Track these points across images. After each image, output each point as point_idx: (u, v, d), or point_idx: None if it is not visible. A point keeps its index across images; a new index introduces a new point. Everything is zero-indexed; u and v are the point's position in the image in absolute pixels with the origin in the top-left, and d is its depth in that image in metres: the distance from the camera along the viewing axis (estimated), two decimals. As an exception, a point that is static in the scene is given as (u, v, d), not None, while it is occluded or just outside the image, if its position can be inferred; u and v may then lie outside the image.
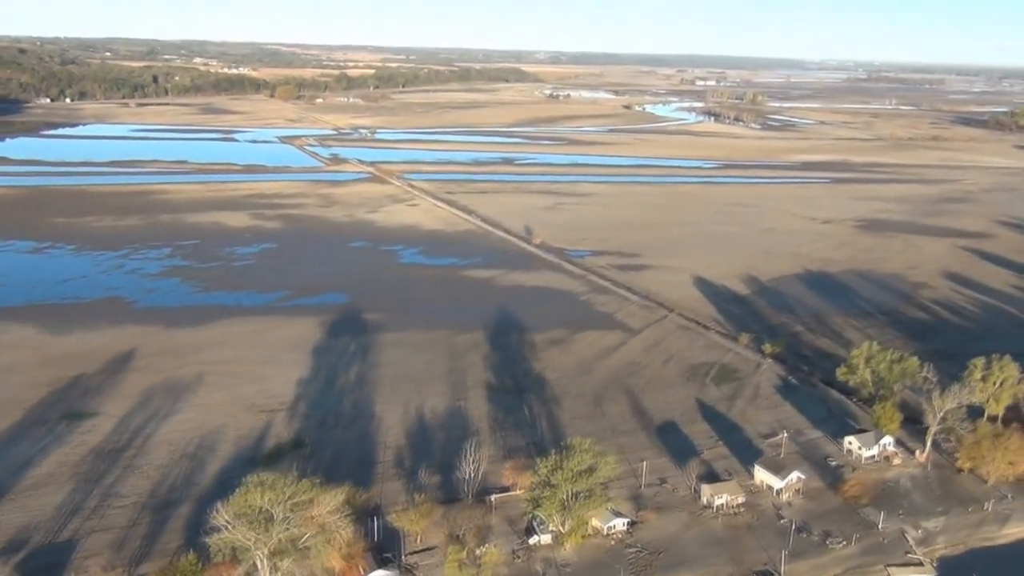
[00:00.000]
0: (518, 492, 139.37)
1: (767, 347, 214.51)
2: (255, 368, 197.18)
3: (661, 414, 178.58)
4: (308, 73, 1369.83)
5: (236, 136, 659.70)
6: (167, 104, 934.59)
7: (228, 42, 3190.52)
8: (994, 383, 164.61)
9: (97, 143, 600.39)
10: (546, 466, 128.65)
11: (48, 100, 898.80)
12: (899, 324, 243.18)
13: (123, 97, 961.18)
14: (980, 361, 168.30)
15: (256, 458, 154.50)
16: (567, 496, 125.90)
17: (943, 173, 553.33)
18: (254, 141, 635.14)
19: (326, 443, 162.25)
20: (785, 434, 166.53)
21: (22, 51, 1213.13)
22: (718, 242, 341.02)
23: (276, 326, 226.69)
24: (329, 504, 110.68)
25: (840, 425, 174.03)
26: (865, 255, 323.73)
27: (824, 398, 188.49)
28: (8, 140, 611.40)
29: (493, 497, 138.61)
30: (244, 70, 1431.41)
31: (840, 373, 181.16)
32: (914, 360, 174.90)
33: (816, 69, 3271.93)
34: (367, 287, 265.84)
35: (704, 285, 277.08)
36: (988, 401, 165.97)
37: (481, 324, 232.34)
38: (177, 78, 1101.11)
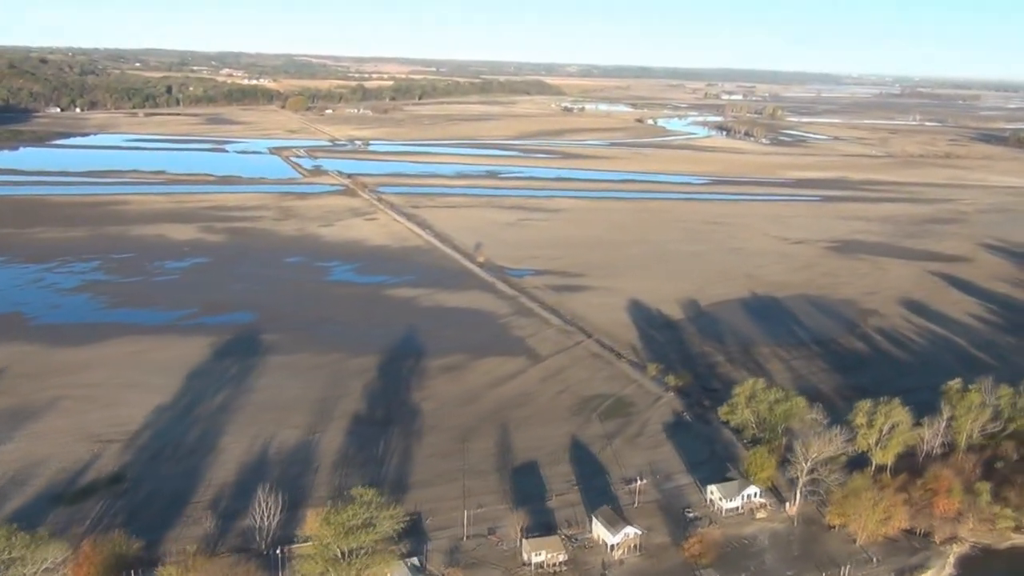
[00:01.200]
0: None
1: (671, 379, 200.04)
2: (116, 393, 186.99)
3: (527, 453, 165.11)
4: (326, 84, 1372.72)
5: (227, 147, 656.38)
6: (177, 114, 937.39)
7: (263, 54, 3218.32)
8: (879, 429, 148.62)
9: (85, 153, 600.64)
10: (315, 520, 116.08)
11: (58, 110, 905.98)
12: (830, 355, 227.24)
13: (134, 107, 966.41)
14: (866, 404, 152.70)
15: (64, 495, 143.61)
16: (342, 553, 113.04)
17: (943, 192, 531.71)
18: (243, 152, 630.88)
19: (148, 478, 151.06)
20: (640, 480, 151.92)
21: (43, 61, 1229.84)
22: (676, 262, 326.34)
23: (162, 347, 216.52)
24: (40, 562, 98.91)
25: (718, 470, 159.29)
26: (824, 279, 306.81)
27: (714, 438, 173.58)
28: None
29: (284, 549, 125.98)
30: (264, 81, 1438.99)
31: (722, 413, 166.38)
32: (800, 400, 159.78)
33: (853, 84, 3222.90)
34: (282, 305, 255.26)
35: (638, 309, 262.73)
36: (874, 449, 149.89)
37: (381, 347, 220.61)
38: (191, 88, 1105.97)
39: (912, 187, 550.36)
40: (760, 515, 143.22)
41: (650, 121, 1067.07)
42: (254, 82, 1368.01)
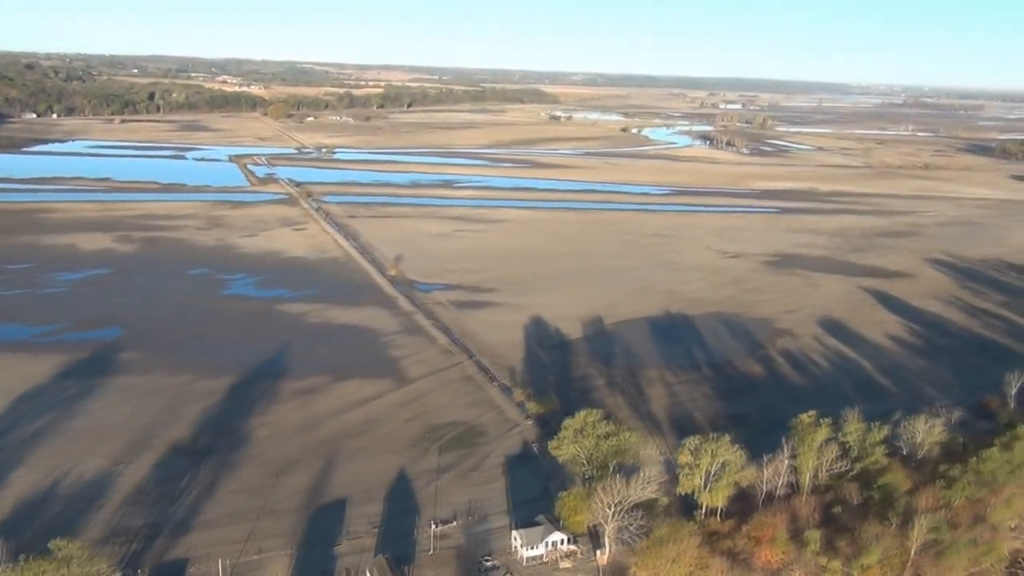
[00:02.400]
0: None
1: (532, 406, 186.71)
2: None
3: (341, 489, 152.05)
4: (314, 92, 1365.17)
5: (188, 154, 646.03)
6: (154, 121, 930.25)
7: (268, 60, 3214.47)
8: (705, 469, 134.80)
9: (38, 159, 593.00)
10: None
11: (34, 115, 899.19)
12: (721, 380, 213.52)
13: (112, 113, 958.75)
14: (693, 441, 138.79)
15: None
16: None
17: (909, 204, 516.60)
18: (202, 159, 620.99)
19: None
20: (453, 521, 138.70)
21: (29, 67, 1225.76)
22: (600, 276, 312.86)
23: (7, 366, 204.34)
24: None
25: (543, 510, 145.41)
26: (747, 295, 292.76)
27: (553, 474, 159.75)
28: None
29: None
30: (255, 88, 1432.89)
31: (551, 447, 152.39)
32: (629, 435, 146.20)
33: (859, 94, 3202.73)
34: (159, 321, 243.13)
35: (537, 327, 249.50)
36: (701, 491, 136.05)
37: (243, 368, 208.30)
38: (174, 95, 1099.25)
39: (878, 199, 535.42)
40: (564, 564, 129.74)
41: (635, 130, 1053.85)
42: (243, 89, 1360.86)
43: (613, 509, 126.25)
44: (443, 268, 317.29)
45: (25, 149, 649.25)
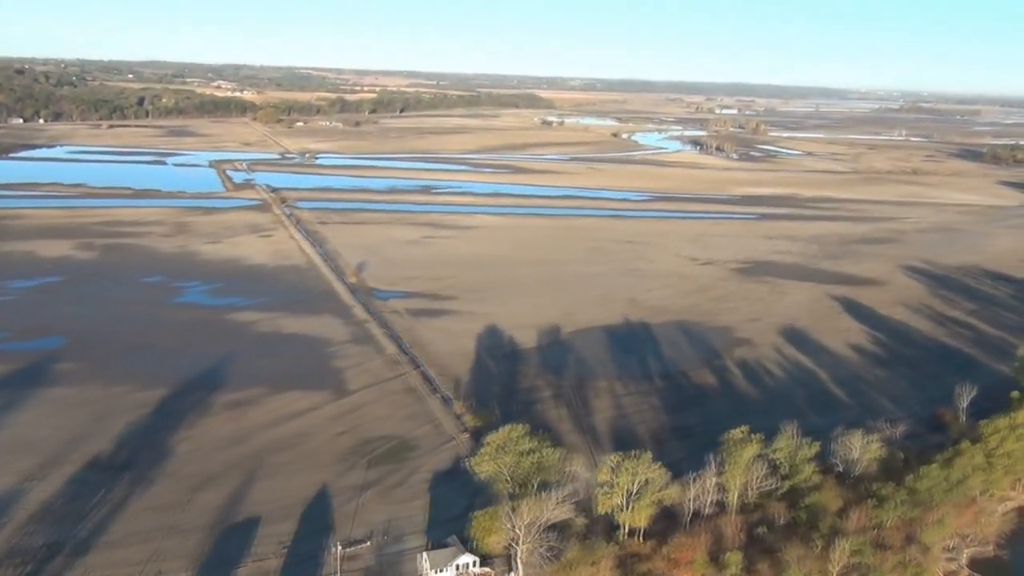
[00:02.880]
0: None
1: (469, 419, 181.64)
2: None
3: (258, 507, 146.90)
4: (307, 97, 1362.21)
5: (169, 160, 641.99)
6: (142, 126, 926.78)
7: (267, 66, 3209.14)
8: (624, 488, 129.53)
9: (19, 164, 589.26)
10: None
11: (21, 120, 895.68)
12: (671, 391, 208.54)
13: (100, 118, 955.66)
14: (613, 459, 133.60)
15: None
16: None
17: (891, 210, 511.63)
18: (182, 165, 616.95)
19: None
20: (366, 542, 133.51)
21: (19, 72, 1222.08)
22: (564, 284, 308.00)
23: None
24: None
25: (463, 530, 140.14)
26: (711, 303, 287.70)
27: (481, 491, 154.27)
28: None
29: None
30: (247, 93, 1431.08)
31: (473, 464, 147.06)
32: (550, 452, 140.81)
33: (857, 99, 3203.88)
34: (103, 330, 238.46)
35: (491, 336, 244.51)
36: (621, 511, 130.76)
37: (181, 379, 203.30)
38: (164, 100, 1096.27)
39: (861, 204, 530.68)
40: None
41: (626, 136, 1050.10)
42: (235, 94, 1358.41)
43: (523, 530, 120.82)
44: (406, 275, 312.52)
45: (6, 155, 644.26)
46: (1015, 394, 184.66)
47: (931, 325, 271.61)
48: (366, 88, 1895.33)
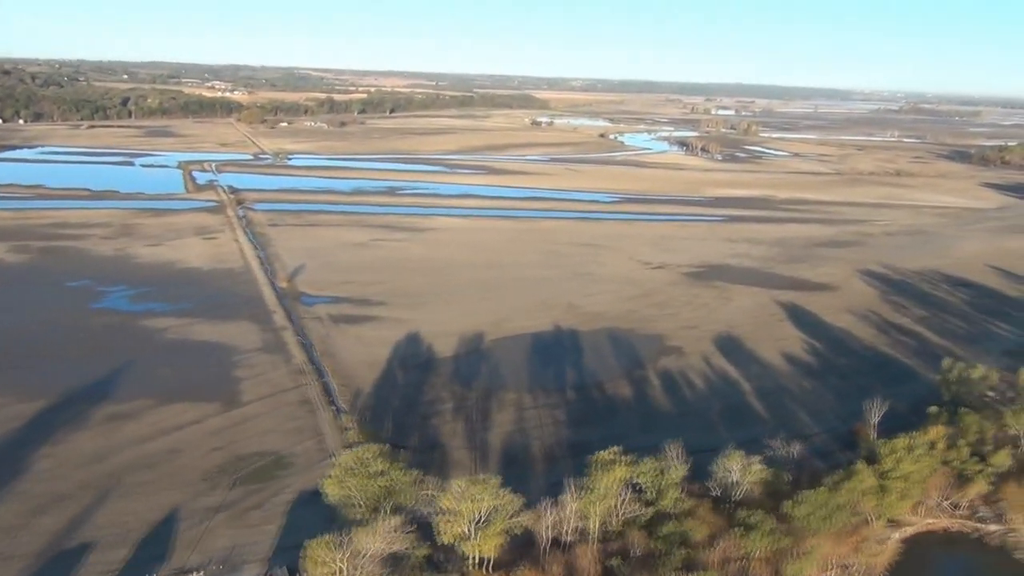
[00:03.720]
0: None
1: (352, 435, 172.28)
2: None
3: (97, 531, 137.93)
4: (296, 97, 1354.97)
5: (137, 160, 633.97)
6: (123, 126, 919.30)
7: (267, 67, 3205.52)
8: (469, 516, 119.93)
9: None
10: None
11: (0, 120, 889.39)
12: (581, 404, 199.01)
13: (82, 119, 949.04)
14: (459, 484, 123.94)
15: None
16: None
17: (865, 212, 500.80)
18: (149, 166, 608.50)
19: None
20: (197, 572, 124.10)
21: (5, 73, 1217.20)
22: (505, 289, 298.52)
23: None
24: None
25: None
26: (651, 309, 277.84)
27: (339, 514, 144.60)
28: None
29: None
30: (237, 94, 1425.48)
31: (325, 485, 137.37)
32: (399, 474, 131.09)
33: (860, 100, 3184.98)
34: (6, 338, 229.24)
35: (410, 344, 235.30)
36: (466, 540, 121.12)
37: (67, 389, 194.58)
38: (149, 100, 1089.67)
39: (836, 207, 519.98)
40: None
41: (613, 136, 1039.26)
42: (225, 95, 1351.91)
43: (345, 562, 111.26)
44: (342, 279, 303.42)
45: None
46: (933, 409, 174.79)
47: (874, 333, 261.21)
48: (360, 89, 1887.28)
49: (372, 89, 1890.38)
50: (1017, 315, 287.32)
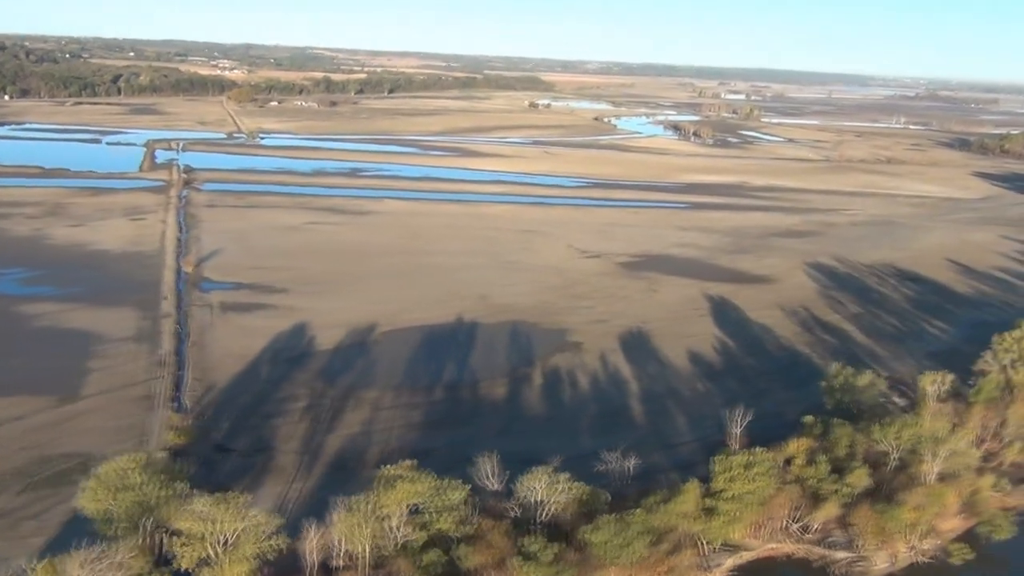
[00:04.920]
0: None
1: (171, 436, 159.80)
2: None
3: None
4: (293, 76, 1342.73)
5: (106, 138, 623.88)
6: (108, 103, 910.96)
7: (280, 46, 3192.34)
8: (211, 540, 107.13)
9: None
10: None
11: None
12: (445, 405, 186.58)
13: (69, 95, 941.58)
14: (205, 500, 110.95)
15: None
16: None
17: (838, 201, 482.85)
18: (117, 143, 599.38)
19: None
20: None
21: (1, 48, 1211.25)
22: (419, 277, 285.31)
23: None
24: None
25: None
26: (567, 301, 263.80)
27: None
28: None
29: None
30: (236, 72, 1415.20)
31: (81, 499, 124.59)
32: (157, 488, 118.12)
33: (878, 86, 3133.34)
34: None
35: (291, 336, 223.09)
36: (211, 566, 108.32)
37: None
38: (141, 78, 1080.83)
39: (809, 195, 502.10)
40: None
41: (608, 120, 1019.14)
42: (223, 73, 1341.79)
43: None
44: (255, 264, 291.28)
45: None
46: (809, 419, 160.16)
47: (797, 331, 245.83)
48: (368, 69, 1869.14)
49: (379, 69, 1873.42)
50: (958, 312, 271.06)
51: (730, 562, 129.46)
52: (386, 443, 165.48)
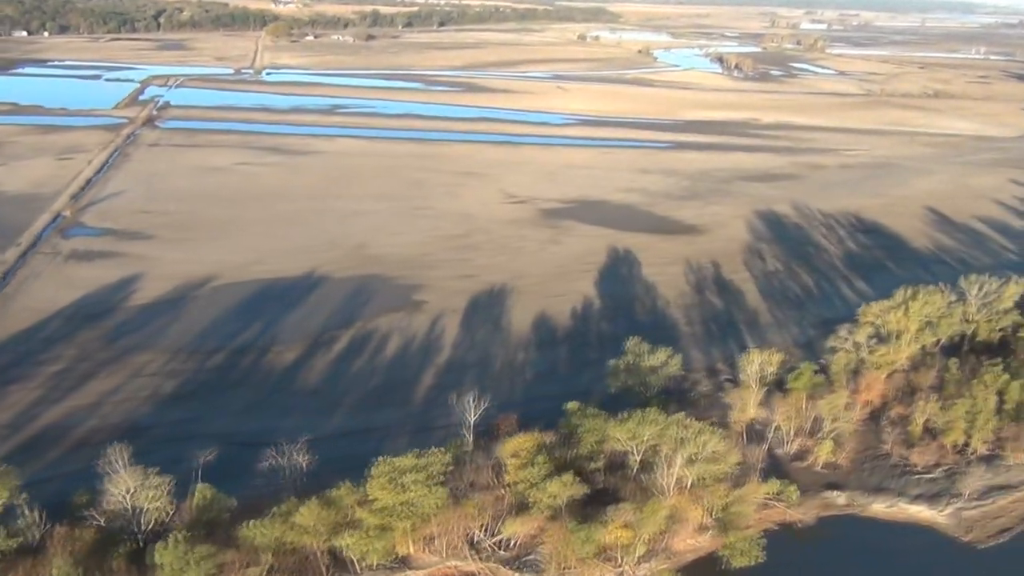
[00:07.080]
0: None
1: None
2: None
3: None
4: (342, 10, 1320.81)
5: (107, 75, 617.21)
6: (141, 39, 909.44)
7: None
8: None
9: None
10: None
11: (25, 33, 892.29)
12: (212, 373, 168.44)
13: (108, 31, 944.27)
14: None
15: None
16: None
17: (845, 140, 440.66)
18: (114, 80, 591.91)
19: None
20: None
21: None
22: (307, 225, 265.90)
23: None
24: None
25: None
26: (451, 253, 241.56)
27: None
28: None
29: None
30: (292, 6, 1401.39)
31: None
32: None
33: (984, 14, 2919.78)
34: None
35: (115, 289, 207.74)
36: None
37: None
38: (184, 13, 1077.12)
39: (818, 132, 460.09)
40: None
41: (653, 52, 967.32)
42: (270, 6, 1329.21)
43: None
44: (145, 209, 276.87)
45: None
46: (572, 405, 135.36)
47: (685, 291, 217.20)
48: (430, 1, 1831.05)
49: (442, 1, 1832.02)
50: (896, 271, 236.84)
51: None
52: (106, 417, 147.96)
